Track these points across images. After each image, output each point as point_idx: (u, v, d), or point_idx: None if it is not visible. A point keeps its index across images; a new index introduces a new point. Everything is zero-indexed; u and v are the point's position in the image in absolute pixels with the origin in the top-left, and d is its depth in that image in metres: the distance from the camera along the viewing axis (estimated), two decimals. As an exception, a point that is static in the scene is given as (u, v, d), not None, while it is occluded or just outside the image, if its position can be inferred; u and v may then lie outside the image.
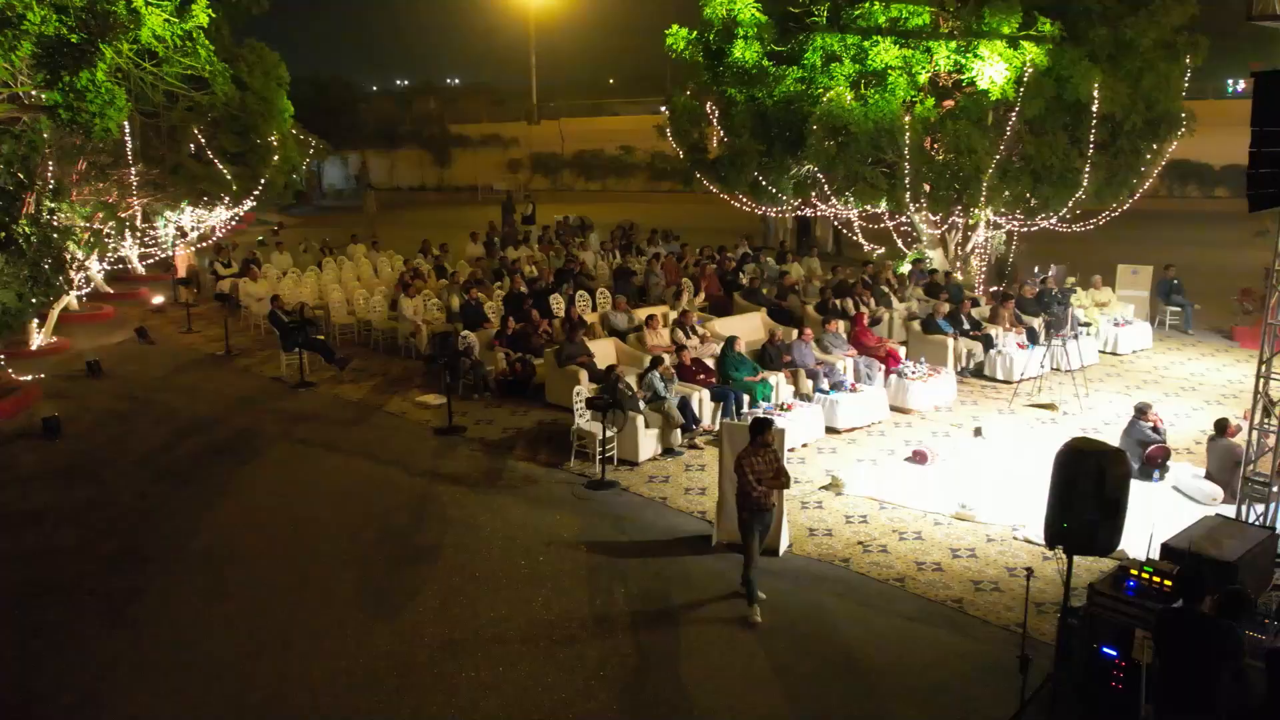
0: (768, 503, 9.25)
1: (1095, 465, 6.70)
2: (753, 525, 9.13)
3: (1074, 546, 6.94)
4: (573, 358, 15.03)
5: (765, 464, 9.17)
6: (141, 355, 19.27)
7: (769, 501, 9.28)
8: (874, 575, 9.85)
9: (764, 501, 9.17)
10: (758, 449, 9.17)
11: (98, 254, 21.37)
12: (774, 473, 9.22)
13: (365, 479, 12.60)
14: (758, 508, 9.13)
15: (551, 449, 13.37)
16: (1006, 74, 18.34)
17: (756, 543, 9.16)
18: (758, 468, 9.10)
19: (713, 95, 21.77)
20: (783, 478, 9.31)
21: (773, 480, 9.19)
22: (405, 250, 25.76)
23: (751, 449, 9.19)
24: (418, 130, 60.69)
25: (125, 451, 13.73)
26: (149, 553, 10.57)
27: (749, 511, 9.12)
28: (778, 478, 9.25)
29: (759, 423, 9.33)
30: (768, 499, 9.22)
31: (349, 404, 15.81)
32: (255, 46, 23.00)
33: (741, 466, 9.12)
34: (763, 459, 9.16)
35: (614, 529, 10.98)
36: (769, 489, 9.19)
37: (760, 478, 9.08)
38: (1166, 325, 20.75)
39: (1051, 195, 19.69)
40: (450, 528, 11.02)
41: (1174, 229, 33.27)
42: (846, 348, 15.84)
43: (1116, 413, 15.07)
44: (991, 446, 13.55)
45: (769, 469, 9.18)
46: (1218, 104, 34.97)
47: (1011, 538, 10.72)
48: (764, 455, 9.19)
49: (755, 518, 9.14)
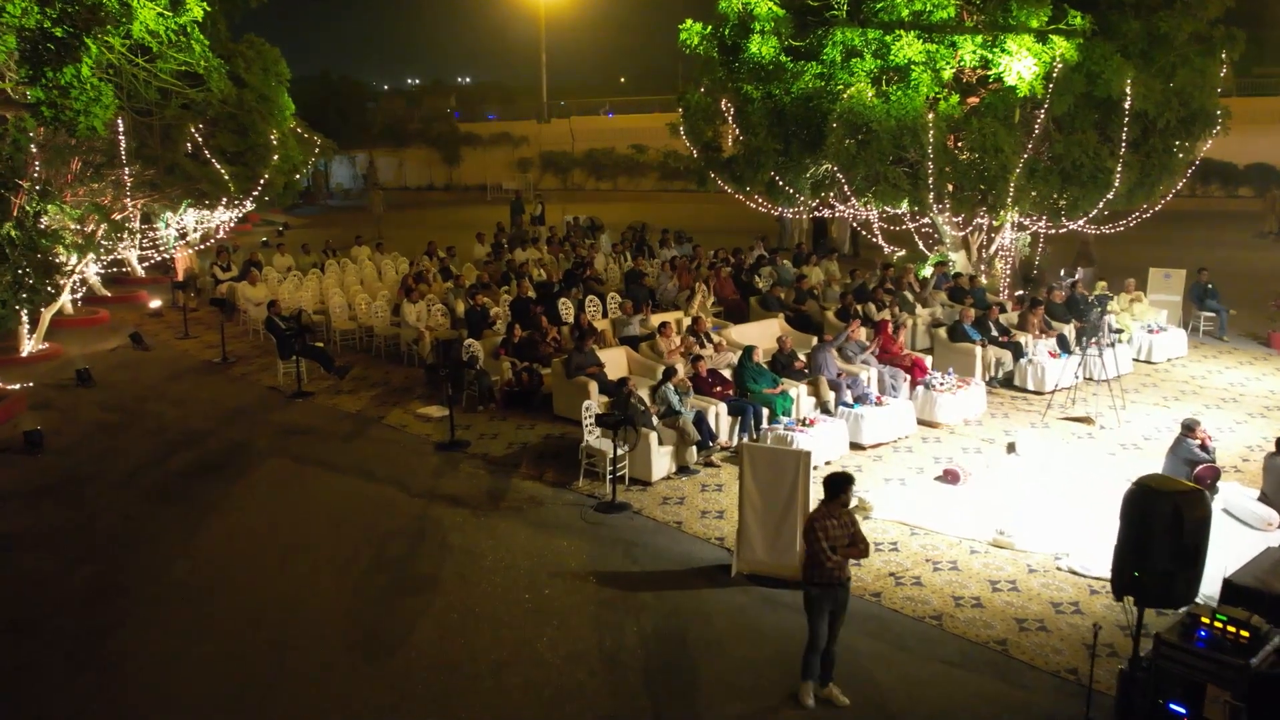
0: (843, 575, 7.62)
1: (1171, 508, 5.93)
2: (821, 603, 7.56)
3: (1146, 598, 6.15)
4: (582, 368, 14.27)
5: (841, 528, 7.60)
6: (135, 362, 18.58)
7: (844, 574, 7.64)
8: (908, 612, 9.06)
9: (838, 574, 7.56)
10: (834, 510, 7.68)
11: (92, 257, 20.74)
12: (849, 539, 7.61)
13: (361, 499, 11.86)
14: (830, 581, 7.54)
15: (559, 467, 12.61)
16: (1035, 69, 17.50)
17: (824, 625, 7.61)
18: (833, 533, 7.53)
19: (728, 92, 20.97)
20: (860, 545, 7.66)
21: (849, 549, 7.58)
22: (412, 252, 25.08)
23: (826, 510, 7.65)
24: (426, 128, 60.08)
25: (109, 468, 13.02)
26: (126, 582, 9.85)
27: (819, 586, 7.55)
28: (854, 545, 7.61)
29: (838, 480, 7.74)
30: (843, 571, 7.62)
31: (347, 416, 15.08)
32: (254, 42, 22.31)
33: (814, 531, 7.52)
34: (838, 522, 7.61)
35: (625, 557, 10.21)
36: (845, 558, 7.62)
37: (835, 544, 7.51)
38: (1200, 331, 19.88)
39: (1081, 196, 18.87)
40: (449, 555, 10.27)
41: (1198, 229, 32.39)
42: (870, 357, 15.04)
43: (1155, 426, 14.27)
44: (1026, 464, 12.74)
45: (844, 534, 7.58)
46: (1242, 101, 34.01)
47: (1055, 568, 9.92)
48: (841, 518, 7.67)
49: (825, 594, 7.56)
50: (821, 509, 7.72)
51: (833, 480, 7.76)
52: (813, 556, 7.56)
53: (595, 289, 20.00)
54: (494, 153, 57.40)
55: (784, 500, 9.50)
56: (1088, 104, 18.64)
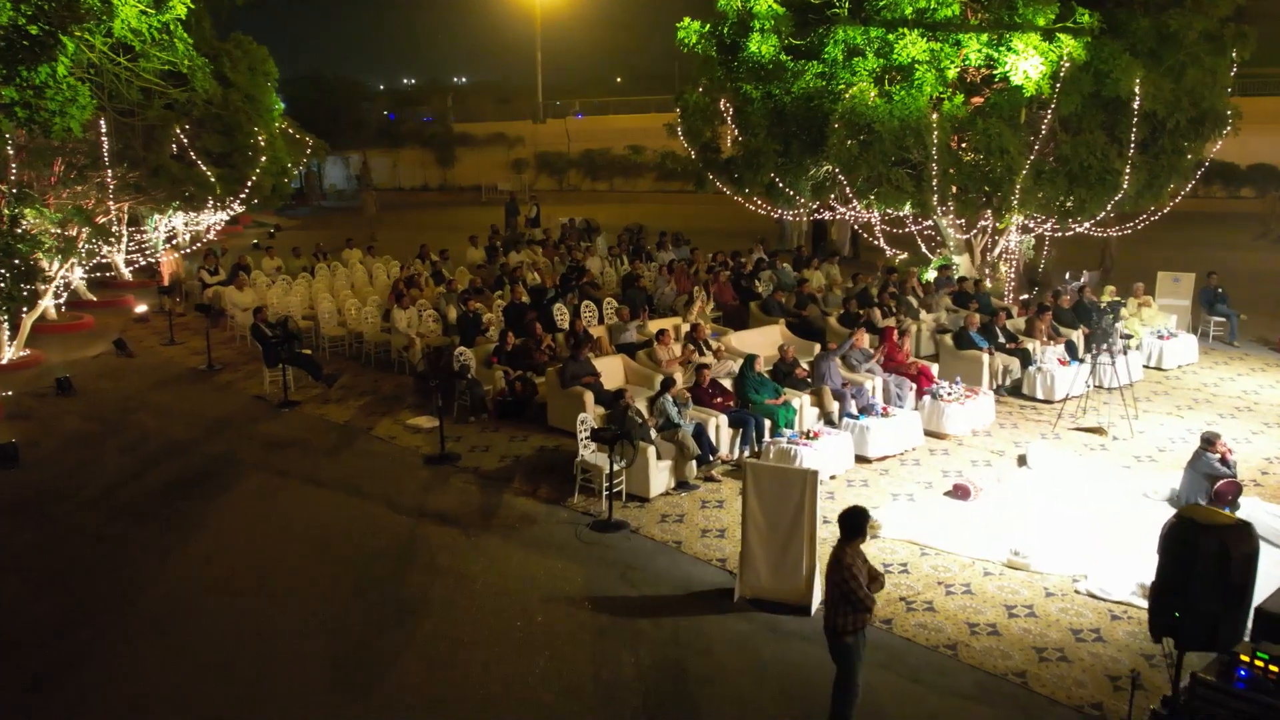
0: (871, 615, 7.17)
1: (1216, 544, 5.44)
2: (859, 649, 7.06)
3: (1188, 641, 5.67)
4: (577, 377, 13.78)
5: (864, 563, 7.12)
6: (118, 370, 18.06)
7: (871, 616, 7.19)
8: (921, 640, 8.57)
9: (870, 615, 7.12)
10: (856, 548, 7.11)
11: (76, 261, 20.23)
12: (868, 574, 7.12)
13: (346, 517, 11.35)
14: (863, 623, 7.06)
15: (553, 482, 12.10)
16: (1042, 69, 17.05)
17: (862, 673, 7.13)
18: (861, 570, 7.02)
19: (726, 92, 20.47)
20: (879, 579, 7.20)
21: (872, 584, 7.13)
22: (404, 255, 24.56)
23: (850, 549, 7.05)
24: (421, 129, 59.54)
25: (85, 483, 12.51)
26: (96, 608, 9.34)
27: (855, 631, 7.00)
28: (875, 580, 7.15)
29: (858, 516, 7.14)
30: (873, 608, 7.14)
31: (334, 427, 14.57)
32: (241, 41, 21.75)
33: (848, 570, 6.91)
34: (862, 560, 7.11)
35: (622, 581, 9.72)
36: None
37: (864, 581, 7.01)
38: (1210, 337, 19.42)
39: (1089, 198, 18.39)
40: (438, 579, 9.77)
41: (1199, 230, 31.94)
42: (875, 366, 14.55)
43: (1169, 437, 13.81)
44: (1038, 477, 12.26)
45: (865, 570, 7.09)
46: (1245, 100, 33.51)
47: (1073, 591, 9.44)
48: (862, 552, 7.20)
49: (860, 637, 7.06)
50: (847, 549, 7.05)
51: (853, 517, 7.14)
52: (847, 600, 6.93)
53: (591, 294, 19.50)
54: (489, 153, 56.84)
55: (789, 521, 9.01)
56: (1095, 104, 18.17)
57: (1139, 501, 11.48)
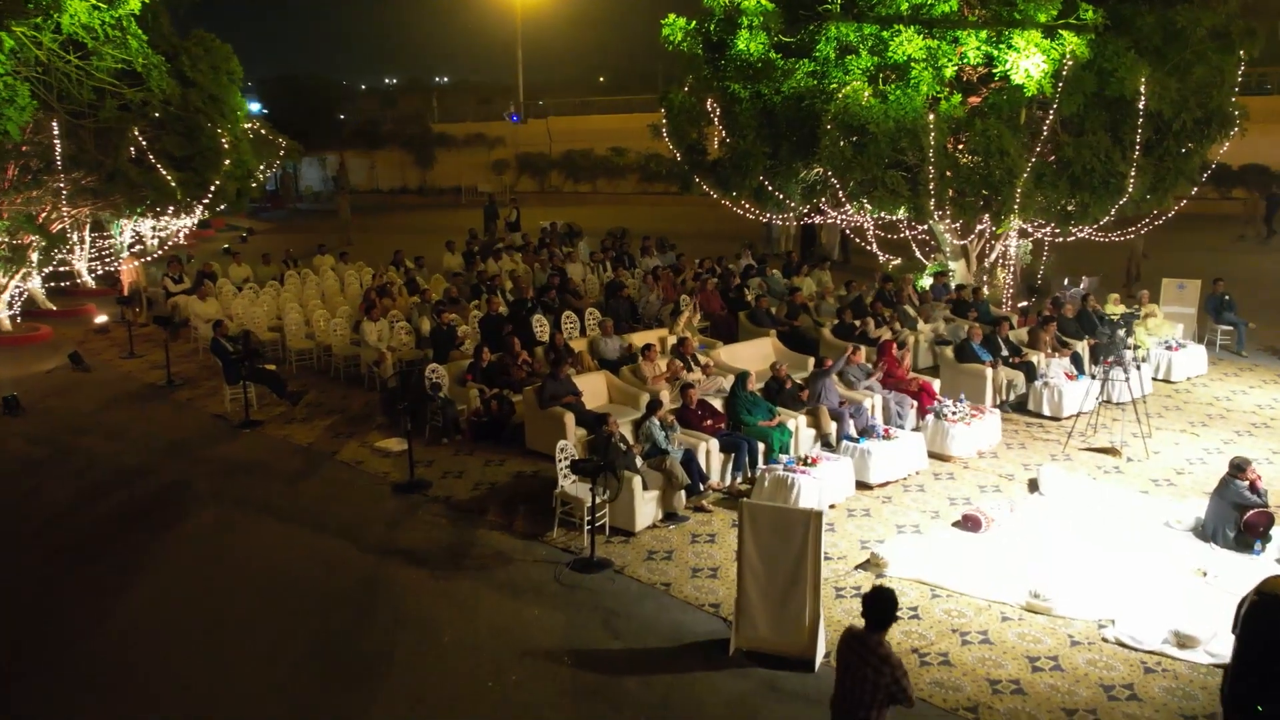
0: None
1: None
2: None
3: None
4: (557, 397, 12.88)
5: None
6: (72, 386, 17.07)
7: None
8: (938, 702, 7.70)
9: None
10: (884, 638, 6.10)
11: (29, 271, 19.22)
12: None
13: (305, 557, 10.40)
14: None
15: (530, 514, 11.18)
16: (1043, 67, 16.25)
17: None
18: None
19: (713, 92, 19.59)
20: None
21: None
22: (379, 260, 23.58)
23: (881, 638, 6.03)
24: (399, 130, 58.40)
25: (27, 515, 11.56)
26: (19, 668, 8.39)
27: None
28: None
29: (889, 604, 6.06)
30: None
31: (297, 450, 13.63)
32: (203, 38, 20.70)
33: (900, 668, 5.90)
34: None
35: (606, 630, 8.82)
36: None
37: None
38: (1217, 346, 18.67)
39: (1092, 202, 17.61)
40: (402, 630, 8.85)
41: (1197, 233, 31.24)
42: (874, 384, 13.71)
43: (1186, 458, 13.01)
44: (1051, 504, 11.44)
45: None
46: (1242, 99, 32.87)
47: (1100, 638, 8.61)
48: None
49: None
50: (886, 643, 6.00)
51: (883, 605, 6.06)
52: (893, 700, 5.92)
53: (572, 304, 18.57)
54: (469, 154, 55.74)
55: (790, 566, 8.14)
56: (1099, 104, 17.38)
57: (1162, 533, 10.67)
